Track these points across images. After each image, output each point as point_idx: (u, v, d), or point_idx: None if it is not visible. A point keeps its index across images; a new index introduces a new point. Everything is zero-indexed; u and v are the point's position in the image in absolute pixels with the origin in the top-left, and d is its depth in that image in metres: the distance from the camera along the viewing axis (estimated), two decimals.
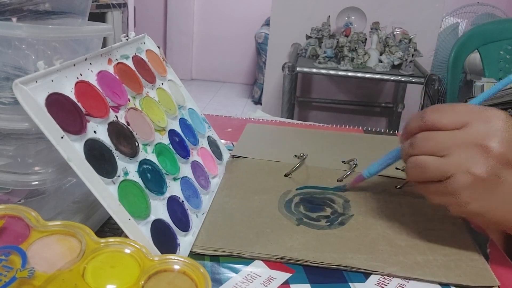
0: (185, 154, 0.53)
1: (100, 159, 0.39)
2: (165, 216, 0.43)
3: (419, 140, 0.43)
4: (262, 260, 0.44)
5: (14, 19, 0.41)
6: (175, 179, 0.49)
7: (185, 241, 0.44)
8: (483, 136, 0.40)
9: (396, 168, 0.64)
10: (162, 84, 0.58)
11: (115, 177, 0.39)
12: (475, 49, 1.40)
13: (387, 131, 0.86)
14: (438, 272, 0.43)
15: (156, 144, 0.49)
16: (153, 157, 0.47)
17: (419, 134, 0.43)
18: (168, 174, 0.47)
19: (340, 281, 0.42)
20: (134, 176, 0.42)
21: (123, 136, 0.43)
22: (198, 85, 4.25)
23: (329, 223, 0.50)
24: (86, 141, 0.38)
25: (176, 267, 0.36)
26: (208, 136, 0.64)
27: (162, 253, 0.38)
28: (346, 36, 1.87)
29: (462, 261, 0.44)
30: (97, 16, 2.89)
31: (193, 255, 0.44)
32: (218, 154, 0.63)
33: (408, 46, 1.80)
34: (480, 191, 0.40)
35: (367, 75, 1.80)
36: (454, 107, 0.42)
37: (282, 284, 0.41)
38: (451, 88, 1.41)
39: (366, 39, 1.90)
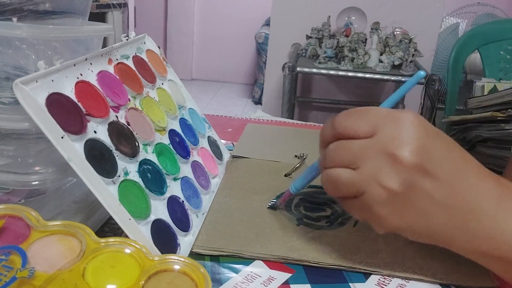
0: (185, 154, 0.53)
1: (100, 159, 0.39)
2: (165, 216, 0.43)
3: (331, 150, 0.39)
4: (262, 260, 0.44)
5: (15, 19, 0.41)
6: (175, 179, 0.49)
7: (185, 241, 0.44)
8: (392, 143, 0.36)
9: None
10: (162, 84, 0.58)
11: (115, 177, 0.39)
12: (476, 49, 1.40)
13: None
14: (438, 272, 0.43)
15: (156, 144, 0.49)
16: (153, 157, 0.47)
17: (331, 145, 0.39)
18: (168, 174, 0.47)
19: (340, 281, 0.42)
20: (134, 176, 0.42)
21: (123, 136, 0.43)
22: (198, 85, 4.25)
23: (329, 224, 0.50)
24: (86, 141, 0.38)
25: (176, 267, 0.36)
26: (208, 136, 0.64)
27: (162, 253, 0.38)
28: (346, 36, 1.87)
29: (462, 261, 0.44)
30: (97, 16, 2.89)
31: (193, 255, 0.44)
32: (218, 154, 0.63)
33: (408, 46, 1.80)
34: (397, 205, 0.36)
35: (367, 75, 1.80)
36: (364, 111, 0.38)
37: (282, 284, 0.41)
38: (451, 88, 1.41)
39: (366, 39, 1.90)
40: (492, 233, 0.36)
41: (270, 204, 0.53)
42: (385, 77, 1.80)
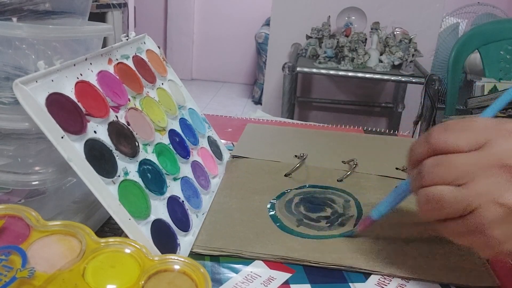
0: (185, 154, 0.53)
1: (100, 159, 0.39)
2: (165, 216, 0.43)
3: (429, 167, 0.35)
4: (262, 260, 0.44)
5: (14, 19, 0.41)
6: (175, 179, 0.49)
7: (185, 241, 0.44)
8: (508, 155, 0.32)
9: (396, 168, 0.65)
10: (162, 84, 0.58)
11: (115, 177, 0.39)
12: (475, 49, 1.40)
13: (387, 131, 0.86)
14: (438, 272, 0.43)
15: (156, 144, 0.49)
16: (153, 157, 0.47)
17: (428, 160, 0.35)
18: (168, 174, 0.47)
19: (340, 281, 0.42)
20: (134, 176, 0.42)
21: (123, 136, 0.43)
22: (198, 85, 4.25)
23: (329, 224, 0.50)
24: (86, 141, 0.38)
25: (176, 267, 0.36)
26: (208, 136, 0.64)
27: (162, 253, 0.38)
28: (346, 36, 1.87)
29: (462, 261, 0.44)
30: (97, 16, 2.89)
31: (193, 255, 0.44)
32: (218, 154, 0.63)
33: (408, 46, 1.80)
34: None
35: (367, 75, 1.79)
36: (467, 123, 0.35)
37: (282, 284, 0.41)
38: (451, 88, 1.41)
39: (366, 39, 1.90)
40: None
41: (348, 232, 0.49)
42: (385, 77, 1.80)
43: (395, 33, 1.88)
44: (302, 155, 0.67)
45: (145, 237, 0.38)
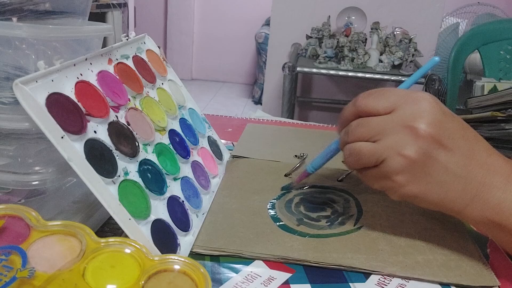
0: (185, 154, 0.53)
1: (101, 159, 0.39)
2: (165, 216, 0.43)
3: (353, 127, 0.43)
4: (262, 260, 0.44)
5: (14, 19, 0.41)
6: (175, 179, 0.49)
7: (185, 241, 0.44)
8: (411, 118, 0.40)
9: None
10: (162, 84, 0.58)
11: (115, 177, 0.39)
12: (475, 49, 1.40)
13: None
14: (438, 272, 0.43)
15: (156, 144, 0.49)
16: (153, 157, 0.47)
17: (354, 122, 0.43)
18: (168, 174, 0.47)
19: (340, 281, 0.42)
20: (134, 176, 0.42)
21: (123, 136, 0.43)
22: (198, 85, 4.25)
23: (329, 223, 0.50)
24: (86, 141, 0.38)
25: (176, 267, 0.36)
26: (208, 136, 0.64)
27: (162, 253, 0.38)
28: (346, 36, 1.87)
29: (462, 261, 0.44)
30: (97, 16, 2.89)
31: (193, 255, 0.44)
32: (218, 154, 0.63)
33: (408, 46, 1.80)
34: (414, 173, 0.40)
35: (368, 75, 1.80)
36: (384, 91, 0.43)
37: (282, 284, 0.41)
38: (451, 88, 1.41)
39: (366, 39, 1.90)
40: (502, 204, 0.40)
41: (284, 185, 0.55)
42: (385, 77, 1.80)
43: (395, 33, 1.88)
44: (302, 155, 0.67)
45: (145, 237, 0.38)
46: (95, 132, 0.40)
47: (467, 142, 0.41)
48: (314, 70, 1.82)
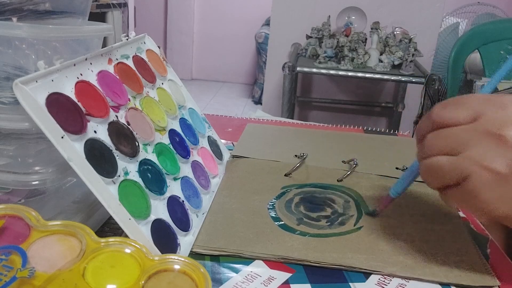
0: (185, 154, 0.53)
1: (101, 159, 0.39)
2: (165, 216, 0.43)
3: (430, 140, 0.38)
4: (262, 260, 0.44)
5: (14, 19, 0.41)
6: (175, 179, 0.49)
7: (185, 241, 0.44)
8: (497, 125, 0.35)
9: (396, 168, 0.65)
10: (162, 84, 0.58)
11: (116, 177, 0.39)
12: (476, 49, 1.40)
13: (387, 131, 0.86)
14: (438, 272, 0.43)
15: (156, 144, 0.49)
16: (153, 157, 0.47)
17: (429, 134, 0.38)
18: (168, 174, 0.47)
19: (340, 281, 0.42)
20: (134, 176, 0.42)
21: (123, 136, 0.43)
22: (198, 85, 4.25)
23: (329, 223, 0.50)
24: (86, 141, 0.38)
25: (176, 267, 0.36)
26: (208, 136, 0.64)
27: (162, 253, 0.38)
28: (346, 36, 1.87)
29: (462, 261, 0.44)
30: (97, 16, 2.88)
31: (193, 255, 0.44)
32: (218, 154, 0.63)
33: (408, 46, 1.80)
34: (505, 190, 0.34)
35: (367, 75, 1.79)
36: (463, 99, 0.37)
37: (282, 284, 0.41)
38: (451, 88, 1.41)
39: (366, 39, 1.90)
40: None
41: (369, 210, 0.52)
42: (385, 76, 1.80)
43: (395, 33, 1.88)
44: (302, 155, 0.67)
45: (145, 237, 0.38)
46: (95, 132, 0.40)
47: None
48: (314, 70, 1.82)
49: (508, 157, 0.34)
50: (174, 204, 0.45)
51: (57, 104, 0.37)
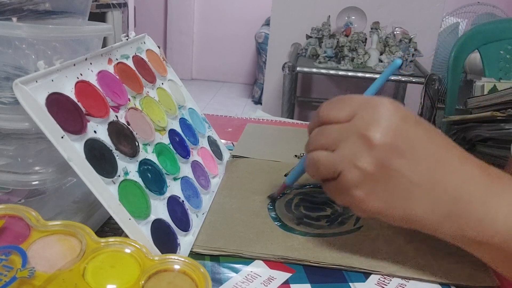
0: (185, 154, 0.53)
1: (100, 159, 0.39)
2: (165, 216, 0.43)
3: (313, 135, 0.41)
4: (262, 260, 0.44)
5: (14, 19, 0.41)
6: (175, 179, 0.49)
7: (185, 241, 0.44)
8: (365, 126, 0.37)
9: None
10: (162, 84, 0.58)
11: (115, 177, 0.39)
12: (475, 49, 1.40)
13: None
14: (438, 272, 0.43)
15: (156, 144, 0.49)
16: (153, 157, 0.47)
17: (314, 130, 0.41)
18: (168, 174, 0.47)
19: (340, 281, 0.42)
20: (134, 176, 0.42)
21: (123, 136, 0.43)
22: (198, 85, 4.25)
23: (329, 223, 0.50)
24: (86, 141, 0.38)
25: (176, 267, 0.36)
26: (208, 136, 0.64)
27: (162, 253, 0.38)
28: (346, 36, 1.87)
29: (462, 261, 0.44)
30: (97, 16, 2.88)
31: (193, 255, 0.44)
32: (218, 154, 0.63)
33: (408, 46, 1.80)
34: (372, 186, 0.37)
35: (367, 75, 1.79)
36: (346, 98, 0.40)
37: (282, 284, 0.41)
38: (451, 88, 1.41)
39: (366, 38, 1.90)
40: (482, 219, 0.36)
41: (270, 194, 0.55)
42: None
43: (395, 33, 1.88)
44: (302, 155, 0.67)
45: (145, 237, 0.38)
46: (95, 132, 0.40)
47: (434, 150, 0.37)
48: (314, 70, 1.82)
49: (374, 156, 0.36)
50: (174, 204, 0.45)
51: (57, 104, 0.37)
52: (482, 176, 0.37)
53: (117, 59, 0.50)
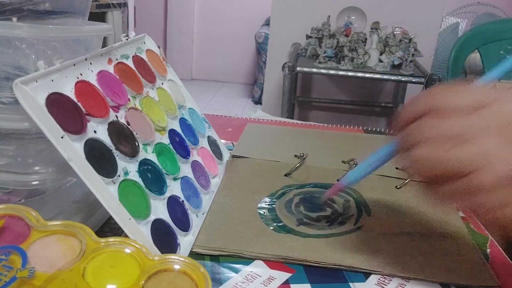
0: (185, 154, 0.53)
1: (100, 159, 0.39)
2: (165, 216, 0.43)
3: (426, 126, 0.33)
4: (262, 260, 0.44)
5: (14, 19, 0.41)
6: (175, 179, 0.49)
7: (185, 241, 0.44)
8: (507, 120, 0.31)
9: (396, 168, 0.64)
10: (162, 84, 0.58)
11: (115, 177, 0.39)
12: (475, 49, 1.40)
13: (387, 131, 0.86)
14: (438, 272, 0.43)
15: (156, 144, 0.49)
16: (153, 157, 0.47)
17: (425, 119, 0.34)
18: (168, 174, 0.47)
19: (340, 281, 0.42)
20: (134, 176, 0.42)
21: (123, 136, 0.43)
22: (198, 85, 4.25)
23: (329, 223, 0.50)
24: (86, 141, 0.38)
25: (176, 266, 0.36)
26: (208, 136, 0.64)
27: (162, 252, 0.38)
28: (346, 36, 1.87)
29: (462, 261, 0.44)
30: (97, 16, 2.88)
31: (193, 255, 0.44)
32: (218, 154, 0.63)
33: (408, 46, 1.80)
34: None
35: (367, 75, 1.79)
36: (467, 87, 0.34)
37: (282, 284, 0.41)
38: None
39: (366, 38, 1.90)
40: None
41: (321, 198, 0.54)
42: (385, 76, 1.80)
43: (395, 33, 1.88)
44: (302, 155, 0.67)
45: (145, 237, 0.38)
46: (95, 132, 0.40)
47: None
48: (314, 70, 1.82)
49: None
50: (174, 204, 0.45)
51: (57, 104, 0.37)
52: None
53: (117, 59, 0.50)
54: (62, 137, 0.36)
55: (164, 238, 0.41)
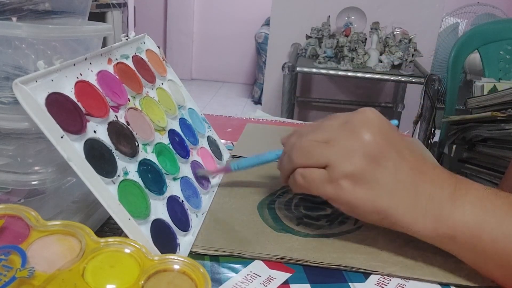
0: (185, 154, 0.53)
1: (100, 159, 0.39)
2: (165, 216, 0.43)
3: (306, 131, 0.46)
4: (262, 260, 0.44)
5: (14, 19, 0.41)
6: (175, 179, 0.49)
7: (185, 241, 0.44)
8: (359, 126, 0.41)
9: None
10: (162, 84, 0.58)
11: (115, 177, 0.39)
12: (475, 49, 1.40)
13: None
14: (438, 272, 0.43)
15: (156, 144, 0.49)
16: (153, 157, 0.47)
17: (304, 127, 0.48)
18: (168, 174, 0.47)
19: (340, 281, 0.42)
20: (134, 176, 0.42)
21: (123, 136, 0.43)
22: (198, 85, 4.25)
23: (329, 223, 0.50)
24: (86, 141, 0.38)
25: (176, 267, 0.36)
26: (208, 136, 0.64)
27: (162, 253, 0.38)
28: (346, 36, 1.87)
29: (462, 261, 0.44)
30: (97, 16, 2.88)
31: (193, 255, 0.44)
32: (218, 154, 0.63)
33: (408, 46, 1.80)
34: (361, 180, 0.40)
35: (367, 75, 1.79)
36: (333, 115, 0.46)
37: (282, 284, 0.41)
38: (451, 88, 1.41)
39: (366, 39, 1.90)
40: (452, 217, 0.40)
41: (201, 173, 0.55)
42: (385, 77, 1.80)
43: (395, 33, 1.88)
44: None
45: (145, 237, 0.38)
46: (94, 132, 0.40)
47: (413, 155, 0.42)
48: (314, 70, 1.82)
49: (366, 153, 0.41)
50: (173, 204, 0.45)
51: (56, 104, 0.37)
52: (449, 180, 0.42)
53: (117, 59, 0.50)
54: (61, 137, 0.36)
55: (163, 238, 0.41)
